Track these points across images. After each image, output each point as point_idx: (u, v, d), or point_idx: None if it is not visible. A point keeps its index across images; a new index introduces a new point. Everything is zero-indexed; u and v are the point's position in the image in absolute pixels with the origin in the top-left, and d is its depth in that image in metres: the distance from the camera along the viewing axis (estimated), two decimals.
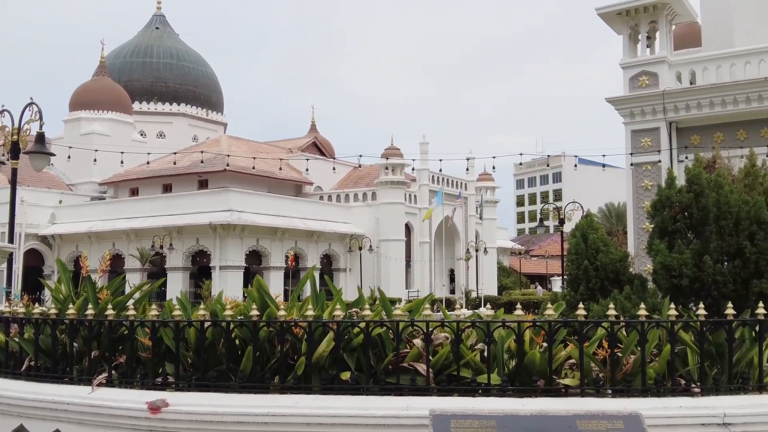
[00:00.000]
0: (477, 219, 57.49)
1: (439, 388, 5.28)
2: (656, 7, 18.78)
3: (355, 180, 53.49)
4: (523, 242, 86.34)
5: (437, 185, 51.64)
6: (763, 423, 5.15)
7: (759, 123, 17.93)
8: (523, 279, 66.78)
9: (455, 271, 55.87)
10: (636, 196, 18.64)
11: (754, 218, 6.98)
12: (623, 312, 6.76)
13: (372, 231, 48.08)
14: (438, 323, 5.61)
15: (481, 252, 52.72)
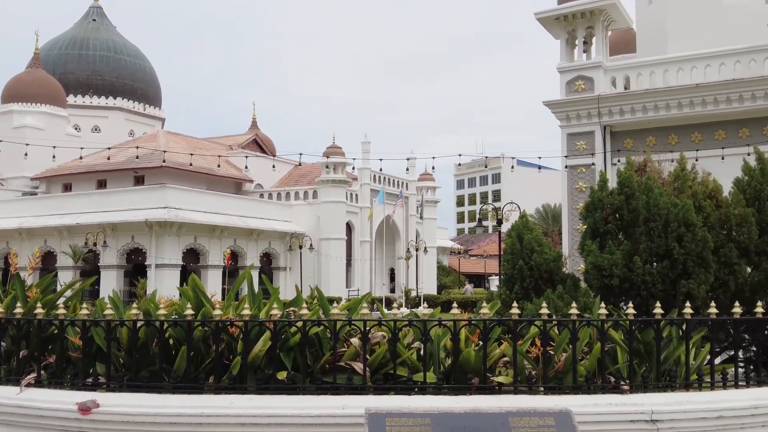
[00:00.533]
0: (417, 218, 57.86)
1: (376, 386, 5.31)
2: (593, 13, 19.22)
3: (296, 178, 53.18)
4: (463, 242, 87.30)
5: (379, 184, 51.79)
6: (689, 420, 5.34)
7: (690, 128, 18.53)
8: (462, 278, 67.50)
9: (395, 270, 56.12)
10: (571, 197, 19.05)
11: (682, 220, 7.21)
12: (556, 311, 6.91)
13: (313, 230, 47.89)
14: (375, 322, 5.64)
15: (422, 251, 53.08)
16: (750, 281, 7.62)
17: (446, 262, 69.82)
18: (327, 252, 47.38)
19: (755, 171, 7.92)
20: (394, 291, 54.52)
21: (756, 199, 7.83)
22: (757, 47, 18.22)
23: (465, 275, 70.39)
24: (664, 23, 20.23)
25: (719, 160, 15.59)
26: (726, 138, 17.85)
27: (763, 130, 17.68)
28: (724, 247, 7.44)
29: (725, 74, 17.97)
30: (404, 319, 5.82)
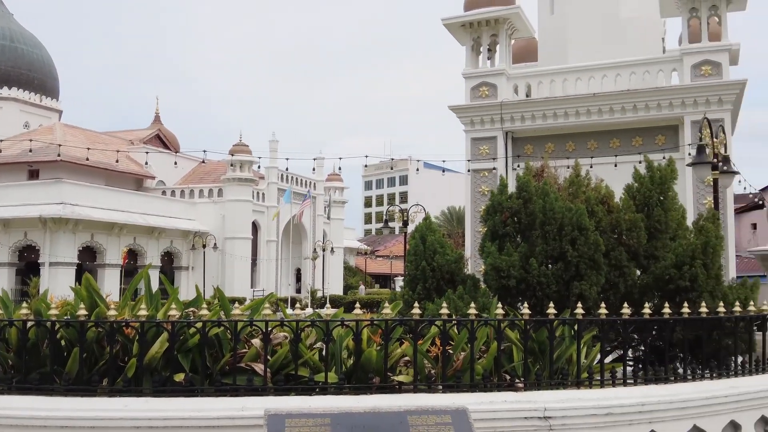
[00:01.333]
0: (325, 219, 57.79)
1: (276, 387, 5.28)
2: (497, 22, 19.75)
3: (201, 176, 52.06)
4: (370, 242, 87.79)
5: (286, 184, 51.39)
6: (580, 416, 5.56)
7: (586, 136, 19.32)
8: (368, 278, 67.86)
9: (302, 271, 55.84)
10: (474, 200, 19.52)
11: (575, 224, 7.51)
12: (456, 311, 7.06)
13: (217, 228, 47.03)
14: (277, 323, 5.61)
15: (328, 251, 53.03)
16: (639, 283, 8.00)
17: (353, 262, 70.03)
18: (232, 251, 46.64)
19: (645, 178, 8.33)
20: (300, 291, 54.23)
21: (645, 205, 8.24)
22: (651, 59, 19.19)
23: (371, 276, 70.81)
24: (565, 34, 20.98)
25: (613, 167, 16.32)
26: (620, 146, 18.70)
27: (655, 139, 18.64)
28: (614, 250, 7.79)
29: (621, 84, 18.84)
30: (306, 320, 5.82)
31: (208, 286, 37.70)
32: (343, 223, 61.85)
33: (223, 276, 46.00)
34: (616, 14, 20.45)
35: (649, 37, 20.61)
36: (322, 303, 42.97)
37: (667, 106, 18.09)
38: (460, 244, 20.71)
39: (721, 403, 6.33)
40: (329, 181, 59.01)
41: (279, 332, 5.71)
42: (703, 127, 12.74)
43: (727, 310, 6.83)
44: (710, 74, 17.74)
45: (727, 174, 12.52)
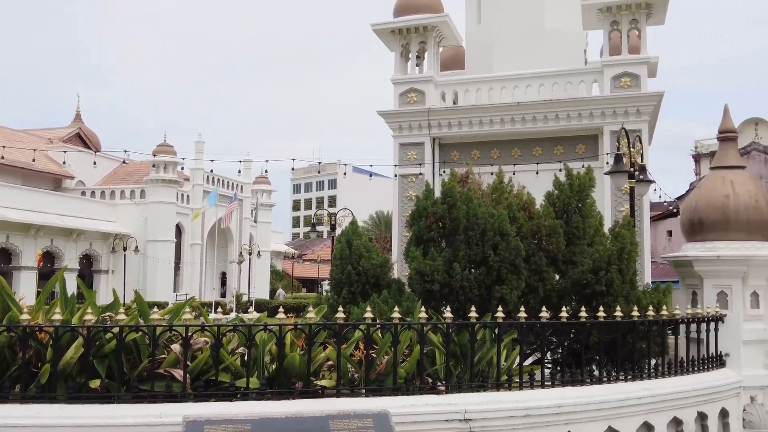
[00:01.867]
0: (252, 222, 57.09)
1: (196, 393, 5.19)
2: (426, 29, 19.97)
3: (122, 176, 50.65)
4: (298, 246, 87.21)
5: (212, 186, 50.54)
6: (499, 418, 5.67)
7: (510, 143, 19.71)
8: (296, 283, 67.41)
9: (227, 275, 55.00)
10: (401, 205, 19.66)
11: (498, 230, 7.67)
12: (380, 315, 7.11)
13: (139, 231, 45.85)
14: (198, 327, 5.52)
15: (255, 255, 52.41)
16: (557, 288, 8.22)
17: (280, 266, 69.41)
18: (154, 254, 45.55)
19: (564, 186, 8.57)
20: (225, 296, 53.40)
21: (564, 212, 8.48)
22: (573, 70, 19.74)
23: (299, 280, 70.35)
24: (491, 43, 21.38)
25: (535, 175, 16.71)
26: (542, 154, 19.15)
27: (576, 148, 19.16)
28: (534, 255, 7.99)
29: (544, 94, 19.30)
30: (228, 324, 5.75)
31: (129, 290, 36.69)
32: (270, 226, 61.24)
33: (145, 280, 44.87)
34: (541, 26, 20.95)
35: (572, 49, 21.20)
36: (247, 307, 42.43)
37: (587, 116, 18.64)
38: (388, 248, 20.83)
39: (635, 404, 6.56)
40: (256, 183, 58.35)
41: (200, 337, 5.61)
42: (621, 137, 13.19)
43: (640, 314, 7.09)
44: (629, 86, 18.37)
45: (643, 183, 12.99)
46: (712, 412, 7.37)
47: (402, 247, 18.64)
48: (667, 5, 18.38)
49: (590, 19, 19.38)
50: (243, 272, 52.40)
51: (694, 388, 7.13)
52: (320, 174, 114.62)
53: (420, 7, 19.96)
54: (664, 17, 18.83)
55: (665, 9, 18.52)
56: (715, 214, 8.19)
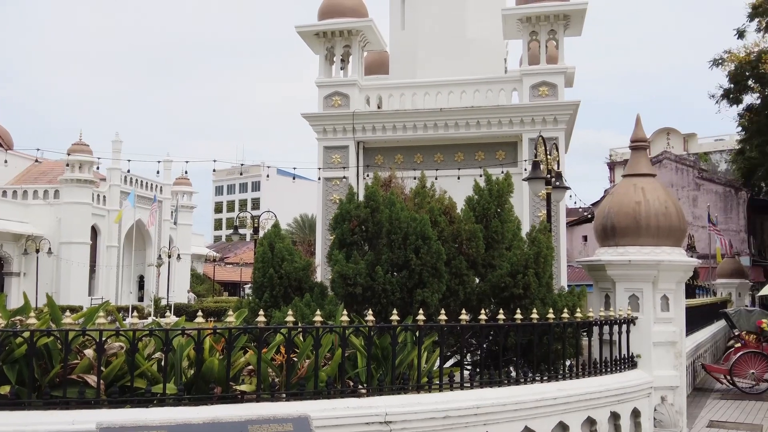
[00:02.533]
0: (171, 224, 55.86)
1: (111, 400, 5.05)
2: (350, 33, 20.03)
3: (35, 176, 48.75)
4: (220, 249, 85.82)
5: (130, 186, 49.20)
6: (419, 420, 5.73)
7: (433, 149, 19.98)
8: (217, 286, 66.32)
9: (145, 278, 53.62)
10: (325, 208, 19.64)
11: (420, 234, 7.76)
12: (302, 318, 7.08)
13: (53, 232, 44.22)
14: (113, 332, 5.36)
15: (174, 258, 51.28)
16: (477, 291, 8.37)
17: (201, 269, 68.15)
18: (68, 257, 44.00)
19: (484, 191, 8.74)
20: (143, 300, 52.03)
21: (484, 217, 8.65)
22: (494, 78, 20.16)
23: (220, 283, 69.22)
24: (415, 49, 21.61)
25: (456, 180, 16.98)
26: (464, 160, 19.48)
27: (496, 154, 19.57)
28: (455, 259, 8.11)
29: (466, 101, 19.65)
30: (144, 329, 5.61)
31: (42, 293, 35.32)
32: (191, 228, 60.05)
33: (59, 283, 43.30)
34: (463, 34, 21.32)
35: (493, 57, 21.66)
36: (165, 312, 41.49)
37: (507, 124, 19.07)
38: (312, 251, 20.76)
39: (551, 404, 6.73)
40: (177, 185, 57.14)
41: (114, 342, 5.46)
42: (538, 144, 13.55)
43: (556, 317, 7.29)
44: (547, 95, 18.90)
45: (559, 189, 13.38)
46: (625, 411, 7.63)
47: (326, 250, 18.57)
48: (584, 18, 19.01)
49: (510, 29, 19.85)
50: (162, 276, 51.18)
51: (607, 388, 7.36)
52: (243, 176, 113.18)
53: (345, 11, 20.01)
54: (581, 29, 19.46)
55: (582, 21, 19.15)
56: (627, 219, 8.51)
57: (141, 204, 47.28)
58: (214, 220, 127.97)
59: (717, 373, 16.91)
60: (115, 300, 45.60)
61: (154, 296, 48.89)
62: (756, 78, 32.71)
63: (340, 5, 20.12)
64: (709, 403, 14.82)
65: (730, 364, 16.31)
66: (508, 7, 19.85)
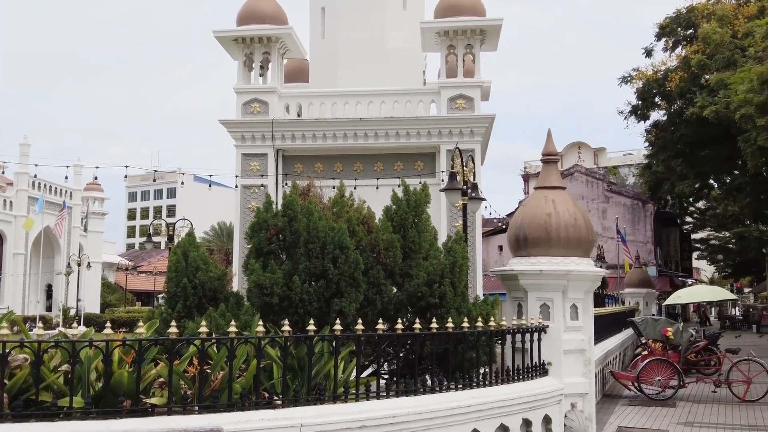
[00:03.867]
0: (82, 231, 53.96)
1: (15, 414, 4.85)
2: (270, 40, 19.90)
3: None
4: (132, 257, 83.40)
5: (38, 192, 47.28)
6: (335, 430, 5.72)
7: (353, 158, 20.05)
8: (129, 296, 64.41)
9: (54, 287, 51.57)
10: (243, 216, 19.39)
11: (337, 243, 7.76)
12: (217, 329, 6.96)
13: None
14: (17, 343, 5.16)
15: (84, 266, 49.53)
16: (394, 300, 8.43)
17: (112, 278, 66.06)
18: None
19: (402, 201, 8.83)
20: (51, 309, 50.01)
21: (402, 227, 8.73)
22: (413, 90, 20.43)
23: (133, 292, 67.28)
24: (335, 58, 21.67)
25: (375, 190, 17.08)
26: (383, 170, 19.63)
27: (415, 164, 19.80)
28: (373, 268, 8.15)
29: (385, 111, 19.82)
30: (50, 341, 5.42)
31: None
32: (102, 236, 58.19)
33: None
34: (383, 45, 21.52)
35: (412, 68, 21.95)
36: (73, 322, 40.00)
37: (425, 135, 19.34)
38: (229, 260, 20.45)
39: (465, 412, 6.83)
40: (88, 190, 55.29)
41: (19, 354, 5.25)
42: (455, 156, 13.80)
43: (470, 325, 7.42)
44: (464, 108, 19.27)
45: (475, 200, 13.65)
46: (536, 418, 7.82)
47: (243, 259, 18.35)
48: (499, 33, 19.50)
49: (429, 42, 20.16)
50: (71, 284, 49.34)
51: (520, 395, 7.53)
52: (158, 182, 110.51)
53: (264, 17, 19.88)
54: (497, 44, 19.95)
55: (497, 37, 19.63)
56: (538, 231, 8.75)
57: (50, 210, 45.51)
58: (127, 227, 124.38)
59: (625, 380, 17.47)
60: (22, 310, 43.70)
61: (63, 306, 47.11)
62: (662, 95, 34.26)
63: (259, 11, 19.97)
64: (617, 410, 15.32)
65: (637, 372, 16.86)
66: (427, 21, 20.16)
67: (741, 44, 26.32)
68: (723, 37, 26.88)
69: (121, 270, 69.45)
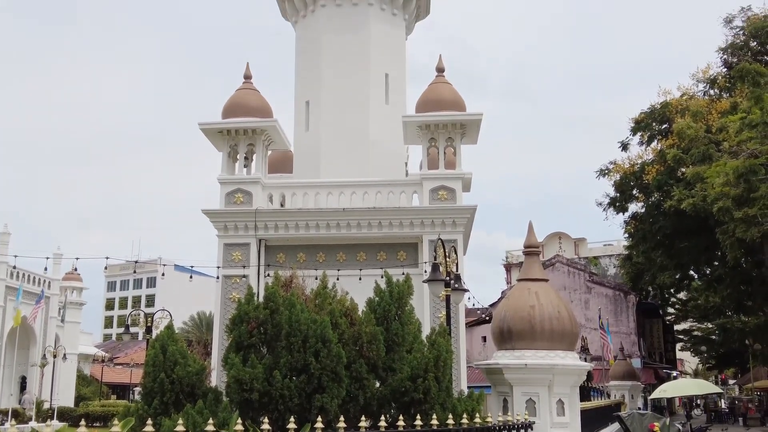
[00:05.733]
0: (59, 321, 52.91)
1: None
2: (255, 132, 20.21)
3: None
4: (109, 348, 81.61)
5: (16, 281, 46.55)
6: None
7: (336, 248, 20.03)
8: (105, 389, 62.67)
9: (28, 379, 50.08)
10: (224, 307, 19.14)
11: (320, 336, 7.64)
12: (194, 427, 6.74)
13: None
14: None
15: (60, 358, 48.30)
16: (377, 395, 8.24)
17: (88, 370, 64.37)
18: None
19: (385, 293, 8.76)
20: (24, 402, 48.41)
21: (385, 319, 8.63)
22: (395, 181, 20.68)
23: (108, 385, 65.48)
24: (318, 150, 22.00)
25: (358, 280, 16.99)
26: (366, 260, 19.60)
27: (398, 255, 19.81)
28: (355, 362, 8.00)
29: (368, 202, 19.97)
30: None
31: None
32: (79, 326, 57.01)
33: None
34: (366, 136, 21.92)
35: (394, 159, 22.29)
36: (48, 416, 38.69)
37: (408, 225, 19.44)
38: (209, 352, 20.04)
39: None
40: (67, 280, 54.53)
41: None
42: (437, 246, 13.82)
43: (455, 422, 7.25)
44: (446, 199, 19.47)
45: (458, 291, 13.59)
46: None
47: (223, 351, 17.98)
48: (479, 128, 19.95)
49: (411, 135, 20.55)
50: (46, 377, 47.98)
51: None
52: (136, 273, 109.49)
53: (249, 110, 20.24)
54: (477, 138, 20.37)
55: (477, 131, 20.08)
56: (522, 323, 8.70)
57: (28, 300, 44.70)
58: (105, 317, 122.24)
59: None
60: None
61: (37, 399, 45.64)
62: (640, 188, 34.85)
63: (245, 104, 20.34)
64: None
65: None
66: (409, 114, 20.62)
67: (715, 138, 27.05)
68: (697, 132, 27.62)
69: (97, 362, 67.81)
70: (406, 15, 24.15)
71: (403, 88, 23.77)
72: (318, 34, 23.12)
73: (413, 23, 25.25)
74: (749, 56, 31.27)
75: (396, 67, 23.52)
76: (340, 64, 22.58)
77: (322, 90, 22.55)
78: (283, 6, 24.48)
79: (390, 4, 23.34)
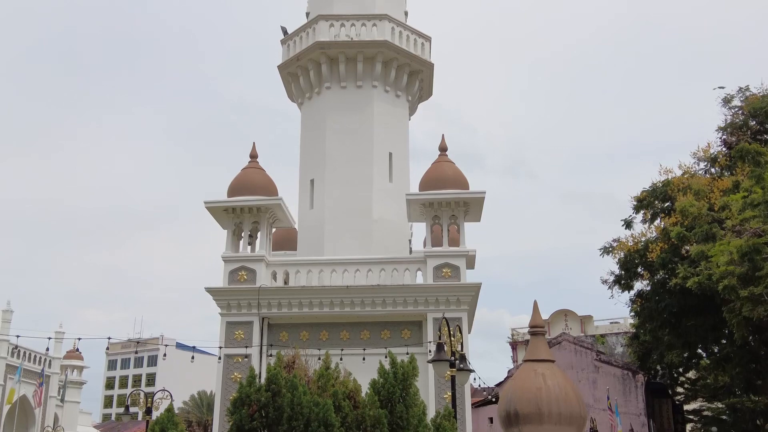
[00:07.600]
0: (58, 401, 52.06)
1: None
2: (260, 210, 20.36)
3: None
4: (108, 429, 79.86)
5: (17, 360, 46.05)
6: None
7: (339, 326, 19.87)
8: None
9: None
10: (225, 387, 18.84)
11: (322, 420, 7.51)
12: None
13: None
14: None
15: None
16: None
17: None
18: None
19: (389, 374, 8.66)
20: None
21: (389, 401, 8.50)
22: (398, 259, 20.68)
23: None
24: (323, 228, 22.10)
25: (361, 360, 16.77)
26: (370, 338, 19.41)
27: (402, 333, 19.62)
28: None
29: (372, 279, 19.91)
30: None
31: None
32: (78, 406, 56.08)
33: None
34: (369, 214, 22.05)
35: (398, 237, 22.35)
36: None
37: (412, 303, 19.33)
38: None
39: None
40: (68, 358, 53.94)
41: None
42: (442, 326, 13.70)
43: None
44: (450, 276, 19.41)
45: (463, 371, 13.35)
46: None
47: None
48: (482, 206, 20.08)
49: (414, 212, 20.68)
50: None
51: None
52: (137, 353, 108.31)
53: (255, 188, 20.44)
54: (480, 216, 20.48)
55: (480, 209, 20.21)
56: (529, 406, 8.51)
57: (28, 378, 44.13)
58: (105, 396, 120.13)
59: None
60: None
61: None
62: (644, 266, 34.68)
63: (250, 183, 20.56)
64: None
65: None
66: (412, 193, 20.79)
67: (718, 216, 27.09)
68: (700, 210, 27.69)
69: None
70: (408, 96, 24.65)
71: (406, 167, 24.05)
72: (323, 115, 23.57)
73: (416, 104, 25.77)
74: (749, 135, 31.62)
75: (399, 146, 23.87)
76: (345, 143, 22.94)
77: (327, 168, 22.83)
78: (290, 88, 25.04)
79: (393, 86, 23.87)
